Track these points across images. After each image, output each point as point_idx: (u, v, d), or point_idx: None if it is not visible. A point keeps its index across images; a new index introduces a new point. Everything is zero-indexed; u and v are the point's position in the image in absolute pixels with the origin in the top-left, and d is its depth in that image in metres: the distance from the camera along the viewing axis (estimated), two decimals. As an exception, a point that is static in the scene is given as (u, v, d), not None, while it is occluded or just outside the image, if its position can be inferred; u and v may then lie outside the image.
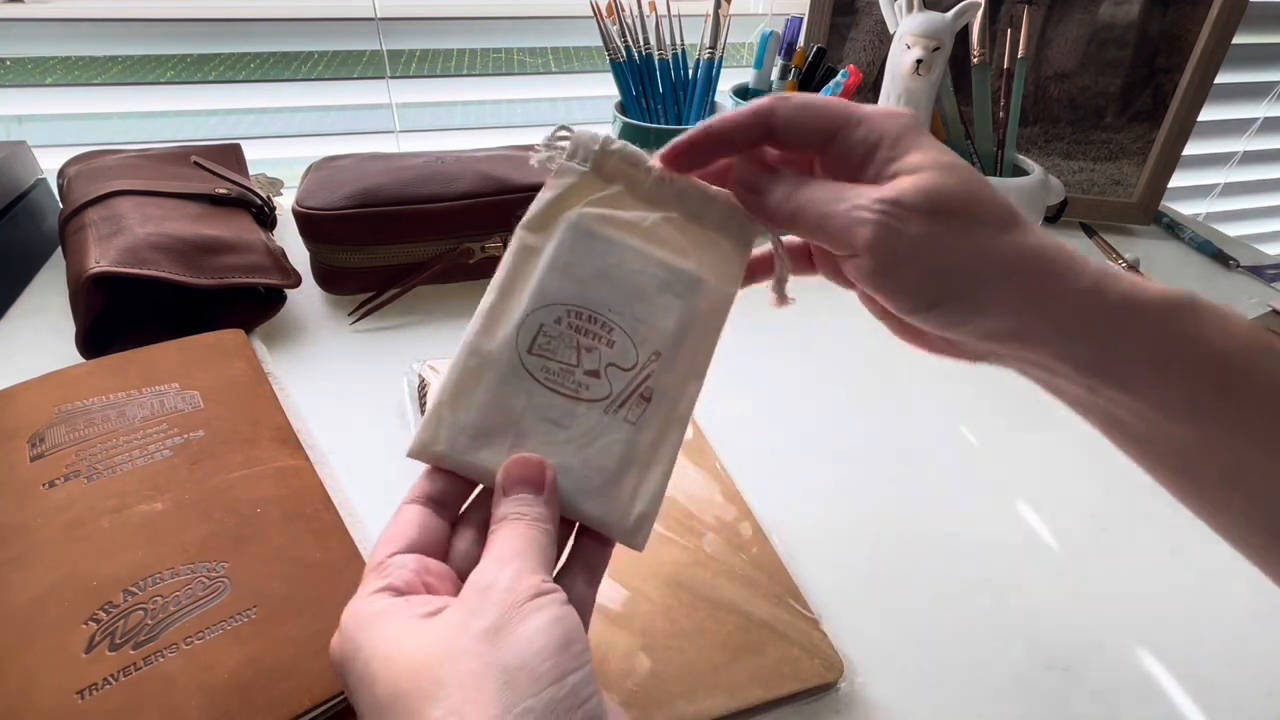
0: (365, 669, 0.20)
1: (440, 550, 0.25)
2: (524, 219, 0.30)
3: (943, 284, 0.25)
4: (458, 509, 0.26)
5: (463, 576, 0.23)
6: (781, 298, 0.32)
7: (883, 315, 0.32)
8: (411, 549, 0.24)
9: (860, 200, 0.25)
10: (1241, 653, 0.36)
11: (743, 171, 0.29)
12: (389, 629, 0.21)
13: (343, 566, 0.32)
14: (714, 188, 0.29)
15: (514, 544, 0.23)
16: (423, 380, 0.48)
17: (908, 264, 0.25)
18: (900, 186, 0.25)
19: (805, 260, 0.32)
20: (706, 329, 0.29)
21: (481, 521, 0.26)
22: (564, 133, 0.30)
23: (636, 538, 0.26)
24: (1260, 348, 0.24)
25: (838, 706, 0.33)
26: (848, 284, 0.31)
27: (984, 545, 0.41)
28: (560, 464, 0.26)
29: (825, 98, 0.28)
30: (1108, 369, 0.25)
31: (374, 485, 0.41)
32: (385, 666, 0.20)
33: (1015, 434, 0.50)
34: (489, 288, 0.29)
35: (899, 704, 0.33)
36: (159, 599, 0.29)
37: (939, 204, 0.25)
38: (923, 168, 0.25)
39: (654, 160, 0.29)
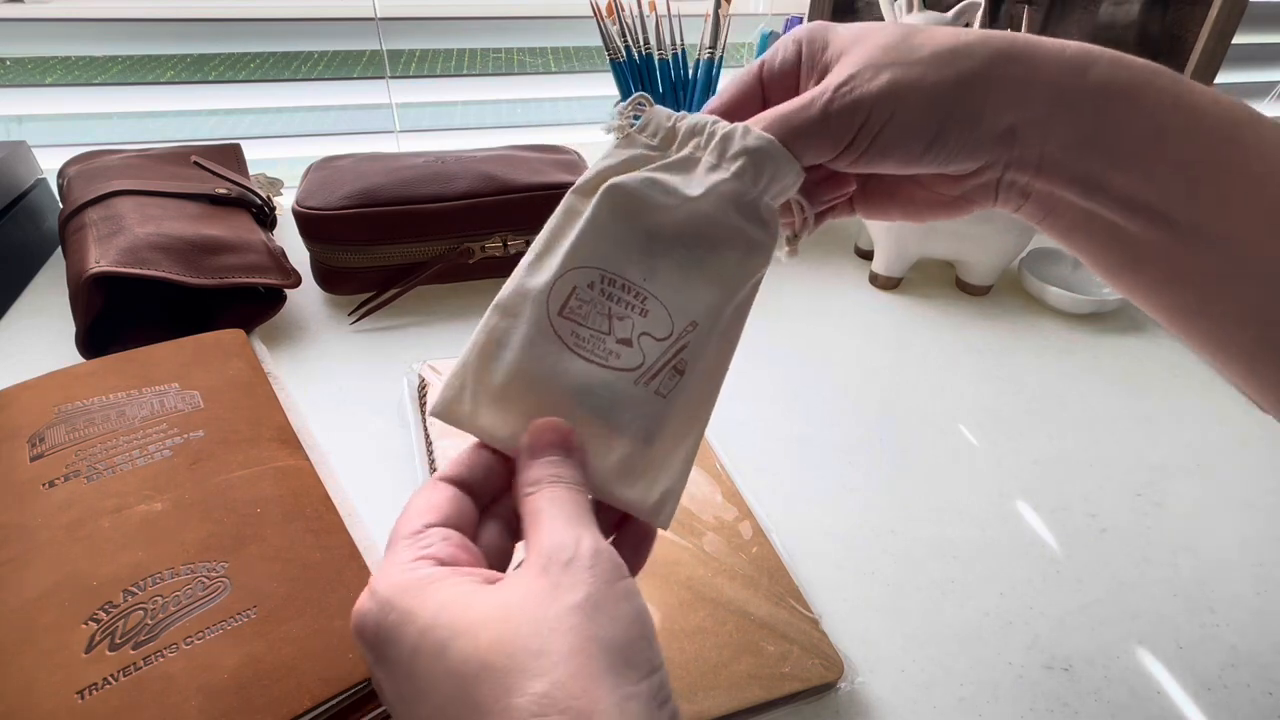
0: (426, 638, 0.19)
1: (471, 535, 0.24)
2: (576, 183, 0.28)
3: (937, 106, 0.25)
4: (485, 500, 0.25)
5: (494, 568, 0.23)
6: (794, 250, 0.31)
7: (889, 204, 0.31)
8: (447, 524, 0.23)
9: (816, 96, 0.25)
10: (1241, 653, 0.36)
11: None
12: (449, 595, 0.20)
13: (342, 566, 0.32)
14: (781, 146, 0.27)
15: (570, 509, 0.22)
16: (423, 380, 0.48)
17: (899, 111, 0.25)
18: (841, 67, 0.26)
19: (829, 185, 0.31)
20: (744, 300, 0.28)
21: (509, 515, 0.25)
22: (644, 99, 0.28)
23: (660, 515, 0.26)
24: (1244, 119, 0.24)
25: (838, 706, 0.33)
26: (853, 204, 0.31)
27: (984, 545, 0.41)
28: (582, 434, 0.25)
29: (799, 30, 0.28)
30: (1103, 149, 0.25)
31: (374, 485, 0.41)
32: (460, 636, 0.19)
33: (1015, 434, 0.50)
34: (529, 249, 0.27)
35: (899, 704, 0.33)
36: (159, 599, 0.29)
37: (882, 47, 0.25)
38: (852, 45, 0.26)
39: (722, 122, 0.27)
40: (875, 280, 0.66)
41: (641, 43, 0.65)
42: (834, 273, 0.68)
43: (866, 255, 0.70)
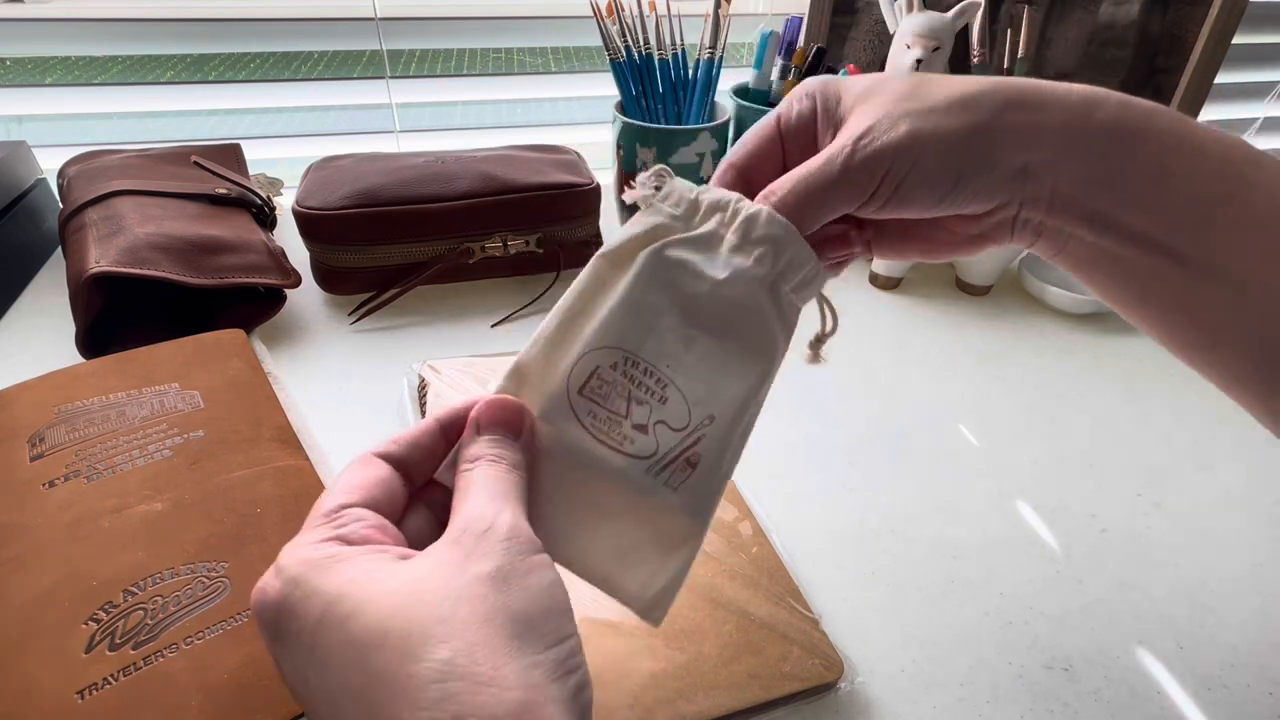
0: (330, 612, 0.19)
1: (395, 517, 0.23)
2: (604, 248, 0.28)
3: (954, 152, 0.26)
4: (420, 481, 0.25)
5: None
6: (816, 355, 0.32)
7: (907, 246, 0.32)
8: (370, 506, 0.22)
9: (841, 152, 0.26)
10: (1241, 653, 0.36)
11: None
12: (355, 570, 0.20)
13: (343, 566, 0.32)
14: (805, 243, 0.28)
15: (499, 486, 0.22)
16: (423, 380, 0.48)
17: (920, 159, 0.26)
18: (857, 119, 0.26)
19: (845, 242, 0.32)
20: (761, 395, 0.28)
21: (440, 503, 0.25)
22: (664, 172, 0.28)
23: (654, 613, 0.25)
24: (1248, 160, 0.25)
25: (838, 706, 0.33)
26: (871, 246, 0.32)
27: (984, 545, 0.41)
28: (584, 518, 0.25)
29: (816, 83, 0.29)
30: (1111, 188, 0.26)
31: (374, 485, 0.41)
32: (362, 606, 0.19)
33: (1015, 434, 0.50)
34: (553, 311, 0.27)
35: (899, 704, 0.33)
36: (159, 599, 0.29)
37: (896, 98, 0.26)
38: (866, 96, 0.27)
39: (745, 201, 0.27)
40: (875, 280, 0.66)
41: (641, 43, 0.65)
42: (834, 273, 0.68)
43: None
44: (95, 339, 0.49)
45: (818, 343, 0.31)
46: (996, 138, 0.26)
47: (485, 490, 0.22)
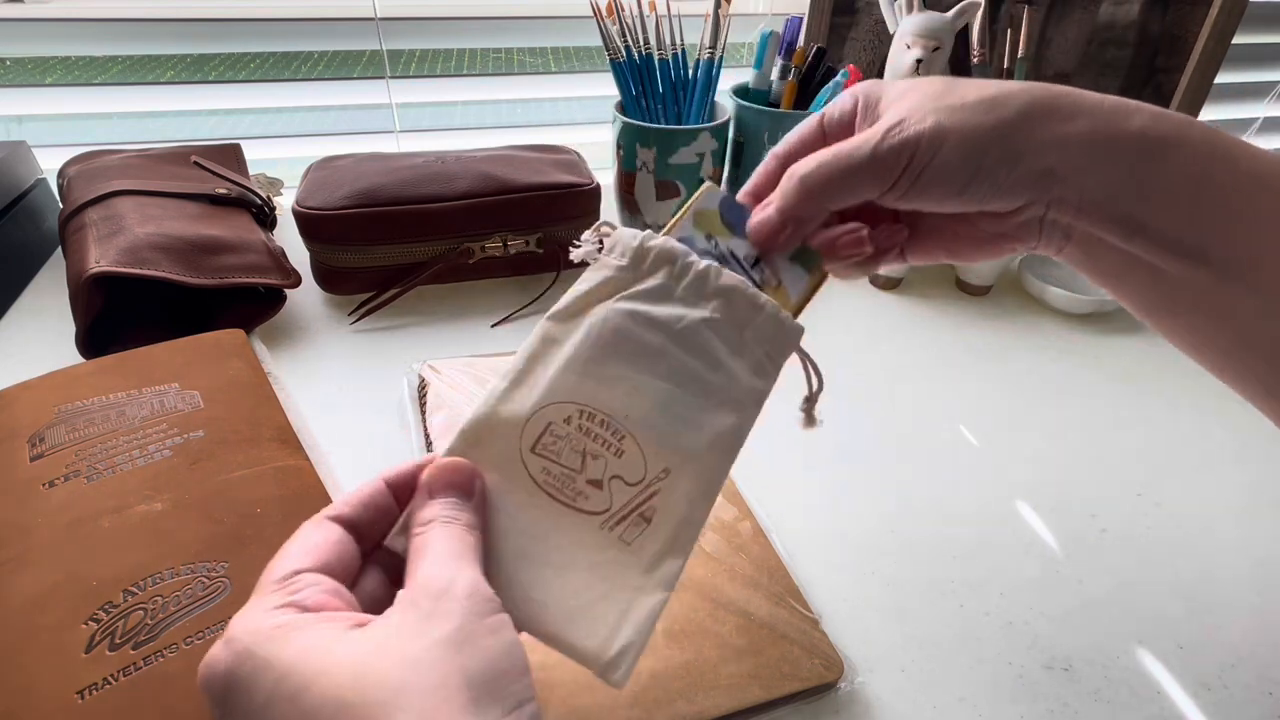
0: (281, 686, 0.18)
1: (349, 581, 0.23)
2: (551, 310, 0.28)
3: (977, 146, 0.27)
4: (373, 544, 0.25)
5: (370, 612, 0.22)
6: (810, 419, 0.32)
7: (935, 245, 0.33)
8: (324, 571, 0.22)
9: (871, 138, 0.27)
10: (1241, 653, 0.36)
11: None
12: (309, 640, 0.19)
13: (343, 566, 0.32)
14: (762, 294, 0.28)
15: (454, 546, 0.22)
16: (423, 380, 0.48)
17: (942, 149, 0.27)
18: (891, 112, 0.28)
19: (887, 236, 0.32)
20: (726, 449, 0.27)
21: (393, 564, 0.24)
22: (605, 228, 0.29)
23: (615, 673, 0.24)
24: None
25: (838, 706, 0.33)
26: (895, 250, 0.33)
27: (984, 545, 0.41)
28: (539, 577, 0.24)
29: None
30: (1143, 194, 0.26)
31: (374, 485, 0.41)
32: (315, 678, 0.18)
33: (1015, 434, 0.50)
34: (501, 373, 0.27)
35: (899, 704, 0.33)
36: (159, 599, 0.29)
37: (929, 96, 0.28)
38: (902, 95, 0.29)
39: (694, 256, 0.28)
40: (875, 280, 0.66)
41: (641, 43, 0.65)
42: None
43: (866, 255, 0.70)
44: (95, 339, 0.49)
45: (808, 404, 0.32)
46: (1021, 137, 0.27)
47: (441, 551, 0.22)
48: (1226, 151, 0.26)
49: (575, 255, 0.28)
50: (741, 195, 0.31)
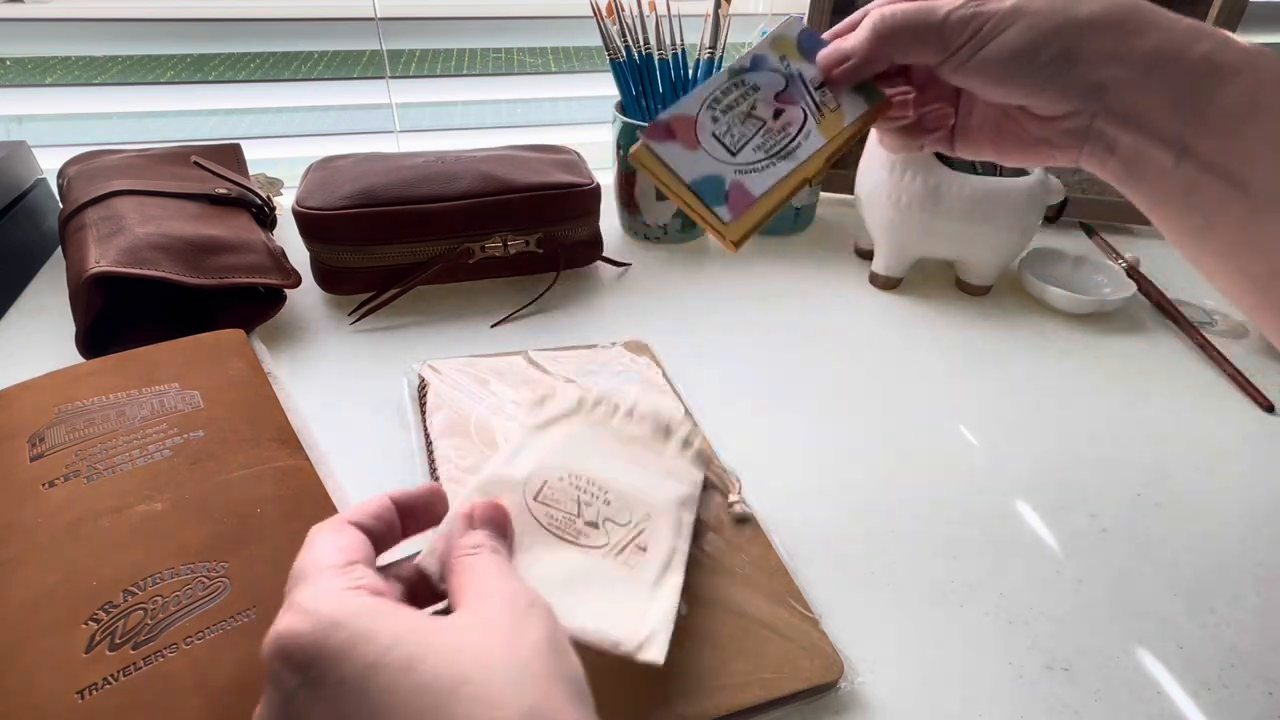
0: (390, 654, 0.19)
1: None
2: (529, 422, 0.37)
3: (1042, 36, 0.28)
4: (380, 551, 0.26)
5: None
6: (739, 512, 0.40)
7: (981, 138, 0.34)
8: (365, 564, 0.23)
9: (953, 4, 0.29)
10: (1241, 653, 0.36)
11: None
12: (411, 620, 0.20)
13: (343, 566, 0.32)
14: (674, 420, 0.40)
15: (511, 570, 0.25)
16: (423, 380, 0.48)
17: (1010, 28, 0.28)
18: None
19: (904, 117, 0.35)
20: (684, 503, 0.36)
21: (407, 577, 0.26)
22: (545, 395, 0.39)
23: (649, 652, 0.28)
24: None
25: (838, 706, 0.33)
26: (935, 133, 0.35)
27: (984, 545, 0.41)
28: (561, 600, 0.26)
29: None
30: (1196, 114, 0.26)
31: (374, 485, 0.41)
32: (426, 654, 0.19)
33: (1015, 434, 0.50)
34: (501, 451, 0.35)
35: (899, 704, 0.33)
36: (159, 599, 0.29)
37: None
38: None
39: (620, 399, 0.40)
40: (875, 280, 0.66)
41: (641, 43, 0.65)
42: (834, 273, 0.68)
43: (866, 255, 0.70)
44: (95, 339, 0.49)
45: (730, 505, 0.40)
46: (1082, 43, 0.27)
47: (508, 572, 0.24)
48: None
49: (526, 418, 0.39)
50: (826, 34, 0.34)
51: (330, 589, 0.21)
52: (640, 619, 0.29)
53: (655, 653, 0.28)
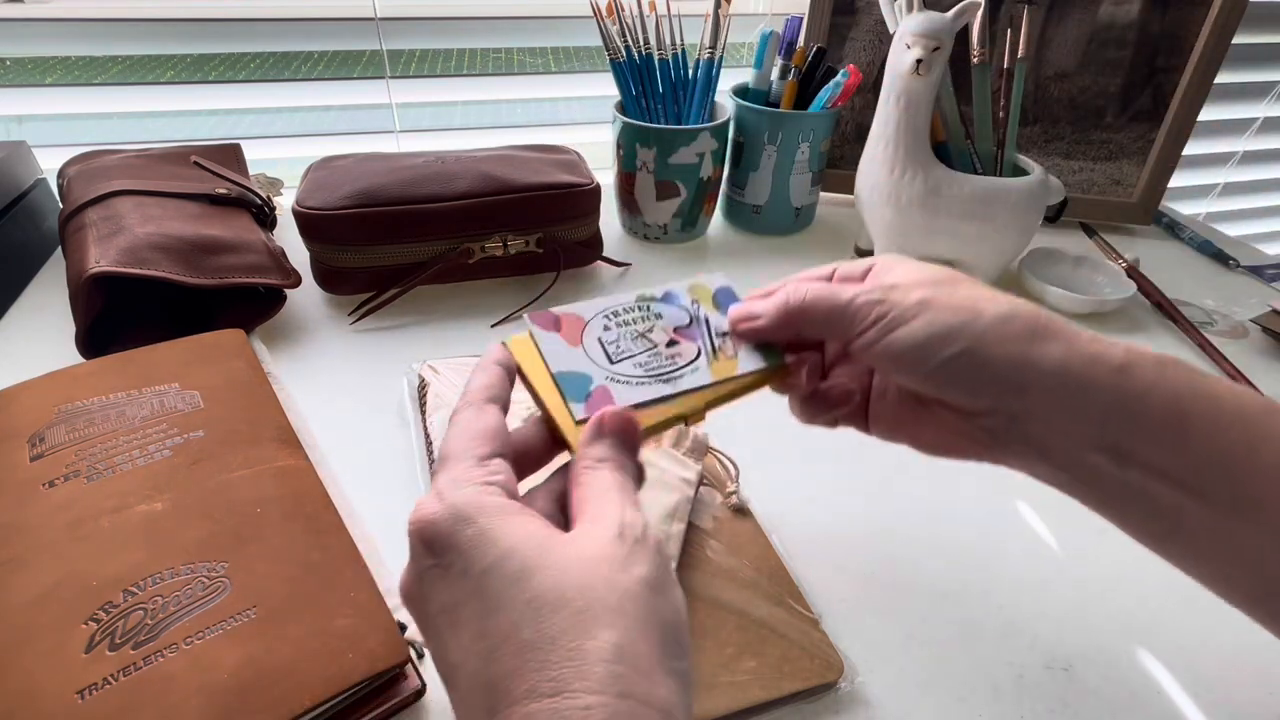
0: (505, 562, 0.20)
1: (512, 460, 0.25)
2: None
3: (946, 332, 0.28)
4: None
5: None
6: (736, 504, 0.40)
7: (896, 422, 0.34)
8: (502, 456, 0.24)
9: (862, 291, 0.29)
10: (1241, 653, 0.36)
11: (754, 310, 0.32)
12: (530, 530, 0.21)
13: (342, 566, 0.32)
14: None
15: (633, 495, 0.24)
16: (423, 380, 0.48)
17: (913, 320, 0.28)
18: (891, 277, 0.30)
19: (835, 403, 0.34)
20: (677, 518, 0.37)
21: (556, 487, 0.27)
22: None
23: None
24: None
25: (838, 706, 0.33)
26: (864, 422, 0.35)
27: (984, 545, 0.41)
28: None
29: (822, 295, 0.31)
30: (1128, 421, 0.26)
31: (374, 485, 0.41)
32: (542, 570, 0.20)
33: (1015, 434, 0.50)
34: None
35: (899, 704, 0.33)
36: (159, 599, 0.29)
37: (927, 278, 0.29)
38: (909, 270, 0.30)
39: None
40: (875, 280, 0.66)
41: (641, 43, 0.65)
42: (834, 273, 0.68)
43: (866, 255, 0.70)
44: (95, 339, 0.49)
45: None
46: (992, 339, 0.27)
47: (628, 496, 0.24)
48: (1210, 390, 0.26)
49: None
50: (746, 296, 0.33)
51: (465, 479, 0.22)
52: None
53: None
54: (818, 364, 0.33)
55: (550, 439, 0.28)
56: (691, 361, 0.31)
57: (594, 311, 0.32)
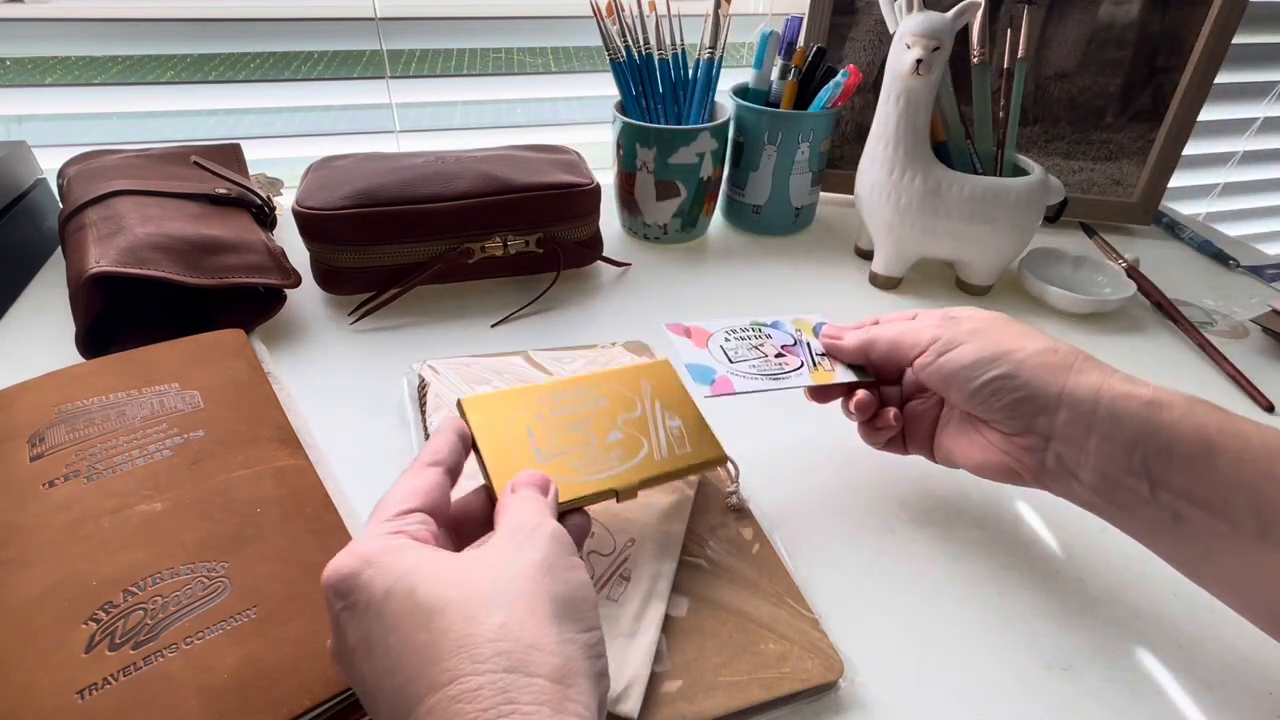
0: (399, 584, 0.23)
1: (444, 514, 0.28)
2: None
3: (991, 356, 0.33)
4: (455, 480, 0.31)
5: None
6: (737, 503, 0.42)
7: (963, 456, 0.38)
8: (426, 509, 0.27)
9: (923, 324, 0.37)
10: (1241, 653, 0.36)
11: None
12: (423, 555, 0.24)
13: (343, 566, 0.32)
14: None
15: (539, 505, 0.27)
16: (423, 380, 0.48)
17: (964, 345, 0.34)
18: (954, 313, 0.37)
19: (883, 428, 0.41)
20: (672, 517, 0.37)
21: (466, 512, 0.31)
22: None
23: (625, 705, 0.29)
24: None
25: (838, 706, 0.33)
26: (922, 443, 0.41)
27: (984, 545, 0.41)
28: None
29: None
30: (1159, 451, 0.28)
31: (374, 485, 0.41)
32: (426, 580, 0.22)
33: (1015, 434, 0.50)
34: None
35: (899, 704, 0.33)
36: (159, 599, 0.29)
37: (983, 316, 0.36)
38: (967, 309, 0.38)
39: None
40: (875, 280, 0.66)
41: (641, 43, 0.65)
42: (834, 272, 0.68)
43: (866, 255, 0.70)
44: (95, 339, 0.49)
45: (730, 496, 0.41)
46: (1027, 367, 0.32)
47: (531, 505, 0.27)
48: (1236, 428, 0.28)
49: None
50: (839, 328, 0.42)
51: (376, 533, 0.25)
52: (620, 666, 0.30)
53: (631, 706, 0.29)
54: (888, 396, 0.41)
55: (489, 504, 0.31)
56: (795, 370, 0.40)
57: (717, 327, 0.41)
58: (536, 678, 0.20)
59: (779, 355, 0.40)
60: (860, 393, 0.39)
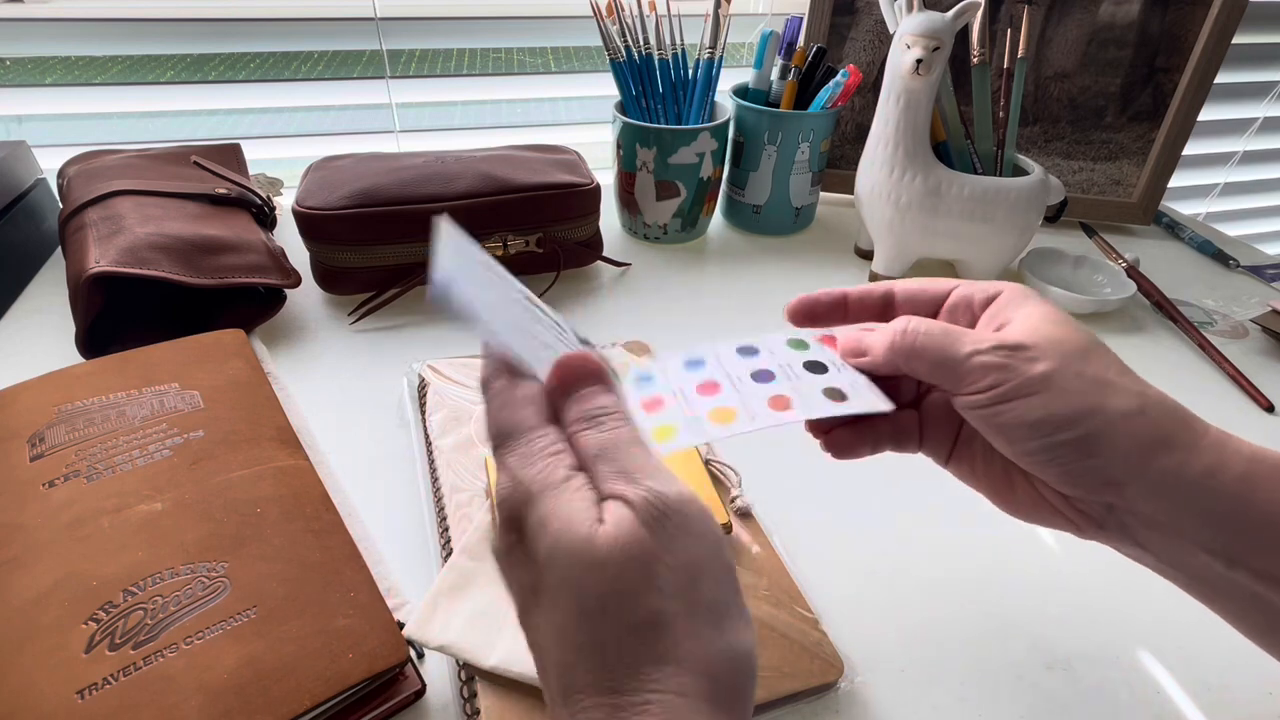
0: (556, 555, 0.20)
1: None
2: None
3: (1063, 420, 0.25)
4: None
5: None
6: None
7: (981, 472, 0.31)
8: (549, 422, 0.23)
9: (981, 345, 0.26)
10: (1241, 653, 0.36)
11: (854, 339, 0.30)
12: (575, 517, 0.21)
13: (342, 566, 0.32)
14: None
15: (647, 449, 0.23)
16: (423, 380, 0.48)
17: (1031, 398, 0.25)
18: (1019, 330, 0.26)
19: (910, 437, 0.33)
20: None
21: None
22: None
23: None
24: None
25: (838, 706, 0.33)
26: (944, 456, 0.33)
27: (984, 545, 0.41)
28: (516, 636, 0.27)
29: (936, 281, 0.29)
30: (1239, 530, 0.25)
31: (374, 485, 0.41)
32: (588, 570, 0.20)
33: (1015, 434, 0.50)
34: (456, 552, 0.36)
35: (899, 704, 0.33)
36: (159, 599, 0.29)
37: (1056, 344, 0.26)
38: (1036, 316, 0.27)
39: None
40: (875, 280, 0.66)
41: (641, 43, 0.65)
42: (834, 272, 0.68)
43: (866, 255, 0.70)
44: (95, 339, 0.49)
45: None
46: (1112, 434, 0.25)
47: (648, 458, 0.23)
48: None
49: None
50: (828, 293, 0.32)
51: (532, 455, 0.22)
52: None
53: None
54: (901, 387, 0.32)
55: None
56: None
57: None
58: (699, 685, 0.20)
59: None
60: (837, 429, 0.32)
